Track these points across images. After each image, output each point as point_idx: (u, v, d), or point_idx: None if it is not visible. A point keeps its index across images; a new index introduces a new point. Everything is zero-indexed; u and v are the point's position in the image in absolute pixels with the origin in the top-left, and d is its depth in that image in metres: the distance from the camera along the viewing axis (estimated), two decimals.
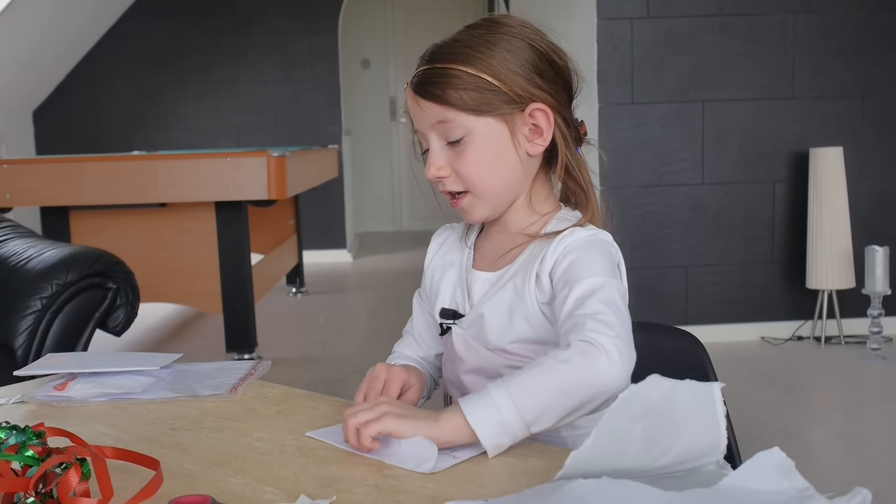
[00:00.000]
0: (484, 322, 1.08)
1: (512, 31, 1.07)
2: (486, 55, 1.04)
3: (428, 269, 1.21)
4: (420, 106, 1.07)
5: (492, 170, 1.07)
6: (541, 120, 1.06)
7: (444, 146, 1.07)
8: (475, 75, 1.04)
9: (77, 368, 1.19)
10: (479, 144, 1.06)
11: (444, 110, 1.05)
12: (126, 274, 2.44)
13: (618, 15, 3.76)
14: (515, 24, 1.08)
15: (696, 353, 1.24)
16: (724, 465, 0.79)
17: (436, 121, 1.06)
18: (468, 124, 1.05)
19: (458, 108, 1.04)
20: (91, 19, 6.02)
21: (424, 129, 1.08)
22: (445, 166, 1.07)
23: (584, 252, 1.02)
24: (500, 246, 1.12)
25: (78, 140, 6.15)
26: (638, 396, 0.73)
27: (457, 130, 1.05)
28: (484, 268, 1.13)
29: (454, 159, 1.07)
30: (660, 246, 3.82)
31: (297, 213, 5.16)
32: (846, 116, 3.87)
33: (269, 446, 0.93)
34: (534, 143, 1.08)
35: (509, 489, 0.78)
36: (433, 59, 1.07)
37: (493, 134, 1.06)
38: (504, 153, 1.07)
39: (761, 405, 3.04)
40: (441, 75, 1.05)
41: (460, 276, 1.15)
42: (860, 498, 0.65)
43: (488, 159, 1.06)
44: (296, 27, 6.34)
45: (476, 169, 1.06)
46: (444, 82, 1.05)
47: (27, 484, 0.71)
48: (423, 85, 1.07)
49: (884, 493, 2.29)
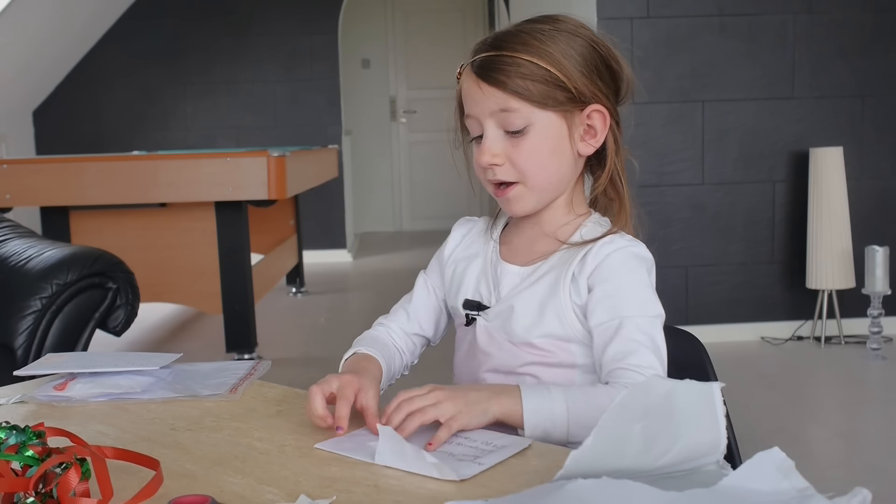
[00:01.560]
0: (513, 314, 1.08)
1: (576, 31, 1.07)
2: (554, 49, 1.04)
3: (449, 260, 1.20)
4: (482, 91, 1.05)
5: (547, 163, 1.07)
6: (597, 121, 1.08)
7: (502, 134, 1.06)
8: (544, 68, 1.03)
9: (77, 368, 1.19)
10: (537, 137, 1.05)
11: (508, 98, 1.04)
12: (126, 274, 2.44)
13: (618, 15, 3.76)
14: (577, 24, 1.09)
15: (696, 353, 1.24)
16: (724, 465, 0.79)
17: (498, 108, 1.05)
18: (530, 115, 1.04)
19: (524, 98, 1.04)
20: (91, 19, 6.02)
21: (482, 116, 1.07)
22: (500, 154, 1.06)
23: (628, 274, 1.04)
24: (533, 242, 1.13)
25: (78, 140, 6.14)
26: (637, 396, 0.73)
27: (518, 120, 1.05)
28: (514, 261, 1.13)
29: (510, 148, 1.06)
30: (660, 246, 3.81)
31: (297, 213, 5.16)
32: (846, 116, 3.87)
33: (269, 446, 0.93)
34: (587, 143, 1.09)
35: (509, 489, 0.78)
36: (499, 46, 1.06)
37: (552, 128, 1.06)
38: (560, 149, 1.07)
39: (761, 405, 3.04)
40: (509, 63, 1.04)
41: (485, 268, 1.15)
42: (860, 498, 0.65)
43: (545, 153, 1.06)
44: (296, 27, 6.34)
45: (533, 161, 1.06)
46: (511, 70, 1.03)
47: (27, 484, 0.71)
48: (488, 70, 1.05)
49: (884, 493, 2.29)
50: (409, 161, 7.98)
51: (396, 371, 1.17)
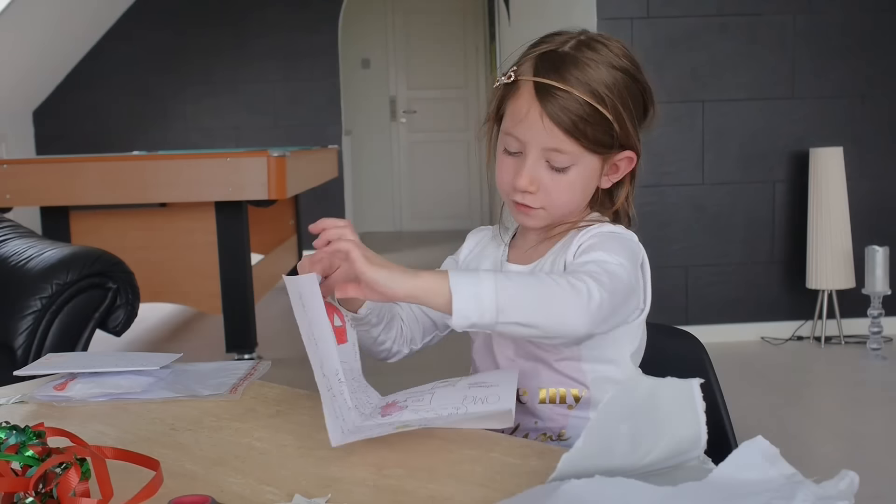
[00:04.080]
0: None
1: (636, 76, 1.08)
2: (615, 95, 1.05)
3: (462, 265, 1.23)
4: (542, 123, 1.04)
5: (577, 197, 1.10)
6: (624, 165, 1.10)
7: (544, 164, 1.07)
8: (605, 116, 1.04)
9: (77, 368, 1.19)
10: (577, 176, 1.07)
11: (565, 140, 1.04)
12: (126, 274, 2.44)
13: (618, 15, 3.75)
14: (634, 63, 1.09)
15: (696, 353, 1.24)
16: (706, 461, 0.80)
17: (552, 147, 1.05)
18: (578, 157, 1.06)
19: (578, 142, 1.04)
20: (91, 19, 6.02)
21: (531, 144, 1.06)
22: (537, 182, 1.07)
23: (607, 239, 1.06)
24: (538, 244, 1.15)
25: (78, 140, 6.14)
26: (624, 396, 0.74)
27: (566, 161, 1.06)
28: (517, 261, 1.16)
29: (547, 180, 1.07)
30: (660, 246, 3.81)
31: (297, 213, 5.16)
32: (846, 116, 3.87)
33: (268, 446, 0.93)
34: (608, 178, 1.11)
35: (509, 489, 0.78)
36: (565, 78, 1.04)
37: (591, 168, 1.08)
38: (591, 184, 1.10)
39: (761, 405, 3.04)
40: (575, 101, 1.03)
41: (494, 269, 1.17)
42: (847, 481, 0.65)
43: (579, 188, 1.09)
44: (296, 27, 6.34)
45: (566, 196, 1.08)
46: (574, 109, 1.03)
47: (27, 484, 0.71)
48: (554, 106, 1.03)
49: (884, 493, 2.29)
50: (409, 161, 7.97)
51: (385, 319, 1.12)
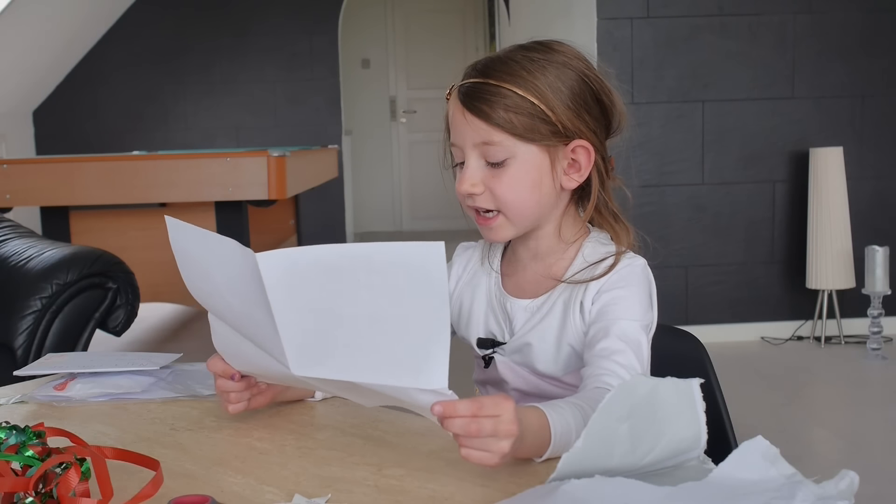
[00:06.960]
0: (532, 350, 1.08)
1: (568, 63, 1.05)
2: (542, 82, 1.02)
3: (455, 292, 1.18)
4: (466, 120, 1.04)
5: (527, 196, 1.05)
6: (581, 157, 1.06)
7: (483, 164, 1.05)
8: (528, 100, 1.01)
9: (77, 368, 1.19)
10: (518, 169, 1.04)
11: (491, 131, 1.02)
12: (126, 274, 2.44)
13: (618, 15, 3.76)
14: (571, 55, 1.06)
15: (696, 353, 1.24)
16: (706, 460, 0.80)
17: (480, 140, 1.03)
18: (512, 148, 1.03)
19: (506, 131, 1.02)
20: (91, 19, 6.02)
21: (464, 145, 1.05)
22: (479, 183, 1.05)
23: (626, 288, 1.04)
24: (536, 274, 1.11)
25: (78, 140, 6.14)
26: (623, 396, 0.73)
27: (500, 153, 1.03)
28: (521, 295, 1.11)
29: (490, 178, 1.05)
30: (660, 246, 3.81)
31: (297, 213, 5.15)
32: (846, 116, 3.87)
33: (269, 446, 0.93)
34: (570, 177, 1.07)
35: (509, 489, 0.78)
36: (487, 73, 1.04)
37: (534, 162, 1.04)
38: (541, 182, 1.05)
39: (761, 405, 3.04)
40: (494, 93, 1.02)
41: (490, 301, 1.14)
42: (847, 481, 0.65)
43: (526, 185, 1.05)
44: (296, 27, 6.34)
45: (511, 193, 1.04)
46: (495, 101, 1.02)
47: (27, 484, 0.71)
48: (472, 99, 1.03)
49: (884, 493, 2.29)
50: (409, 161, 7.97)
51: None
